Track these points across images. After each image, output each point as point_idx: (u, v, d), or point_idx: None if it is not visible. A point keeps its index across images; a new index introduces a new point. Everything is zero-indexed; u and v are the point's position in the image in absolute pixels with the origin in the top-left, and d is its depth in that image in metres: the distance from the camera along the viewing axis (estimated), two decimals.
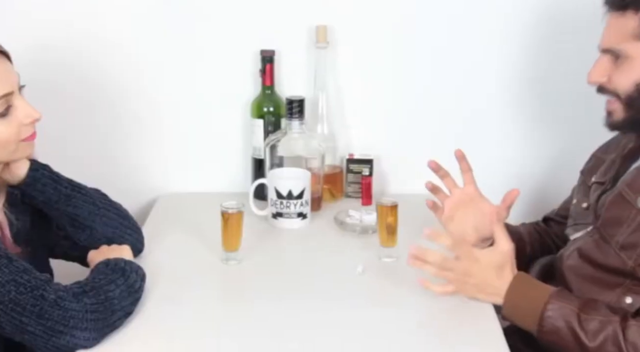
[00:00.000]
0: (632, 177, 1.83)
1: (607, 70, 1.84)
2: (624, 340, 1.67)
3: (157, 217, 2.34)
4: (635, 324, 1.68)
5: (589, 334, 1.70)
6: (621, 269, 1.77)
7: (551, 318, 1.74)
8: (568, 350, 1.74)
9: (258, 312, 1.83)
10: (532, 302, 1.77)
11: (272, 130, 2.39)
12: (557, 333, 1.73)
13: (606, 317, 1.71)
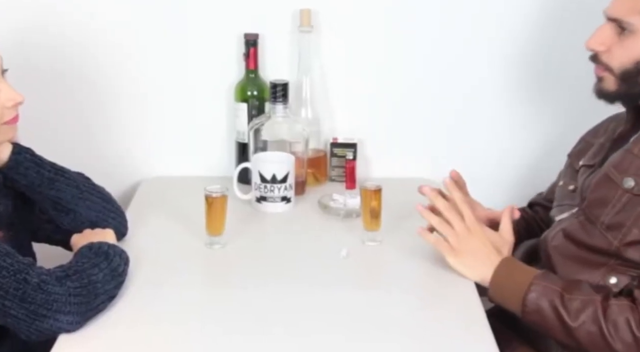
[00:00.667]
0: (619, 158, 1.83)
1: (608, 40, 1.82)
2: (604, 319, 1.68)
3: (140, 201, 2.33)
4: (616, 303, 1.69)
5: (571, 313, 1.71)
6: (606, 249, 1.78)
7: (535, 298, 1.75)
8: (551, 330, 1.75)
9: (242, 296, 1.83)
10: (516, 283, 1.79)
11: (256, 114, 2.39)
12: (540, 313, 1.74)
13: (588, 297, 1.72)
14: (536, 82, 2.46)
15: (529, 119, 2.49)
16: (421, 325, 1.75)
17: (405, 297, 1.86)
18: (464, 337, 1.71)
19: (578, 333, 1.70)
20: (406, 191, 2.08)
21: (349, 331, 1.71)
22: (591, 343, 1.70)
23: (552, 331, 1.76)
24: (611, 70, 1.82)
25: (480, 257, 1.86)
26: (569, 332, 1.71)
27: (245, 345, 1.66)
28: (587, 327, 1.69)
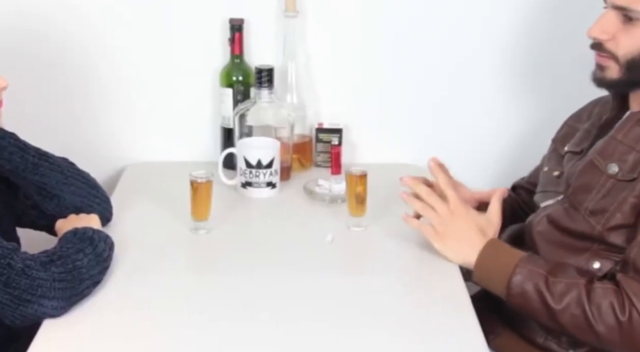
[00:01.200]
0: (603, 144, 1.84)
1: (613, 28, 1.79)
2: (588, 302, 1.68)
3: (125, 187, 2.32)
4: (600, 286, 1.69)
5: (555, 296, 1.71)
6: (589, 233, 1.79)
7: (519, 281, 1.75)
8: (535, 313, 1.76)
9: (227, 282, 1.84)
10: (501, 266, 1.79)
11: (241, 100, 2.38)
12: (524, 296, 1.75)
13: (572, 280, 1.72)
14: (520, 67, 2.46)
15: (513, 103, 2.49)
16: (406, 310, 1.75)
17: (390, 283, 1.86)
18: (449, 322, 1.71)
19: (561, 316, 1.71)
20: (391, 176, 2.08)
21: (334, 317, 1.71)
22: (574, 326, 1.70)
23: (536, 314, 1.76)
24: (616, 59, 1.80)
25: (465, 240, 1.86)
26: (553, 315, 1.72)
27: (231, 330, 1.65)
28: (570, 310, 1.70)
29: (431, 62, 2.45)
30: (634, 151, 1.77)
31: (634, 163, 1.76)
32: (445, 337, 1.66)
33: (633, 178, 1.75)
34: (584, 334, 1.70)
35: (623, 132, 1.81)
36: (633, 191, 1.74)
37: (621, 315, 1.65)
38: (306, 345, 1.62)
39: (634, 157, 1.76)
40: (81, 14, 2.39)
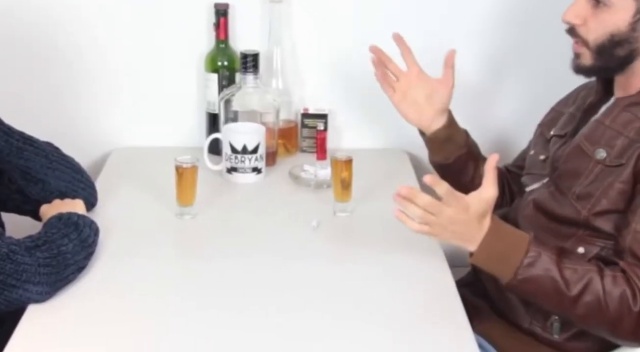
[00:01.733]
0: (591, 129, 1.84)
1: (584, 12, 1.80)
2: (602, 290, 1.66)
3: (110, 172, 2.32)
4: (611, 274, 1.68)
5: (568, 283, 1.68)
6: (575, 218, 1.79)
7: (530, 266, 1.70)
8: (544, 298, 1.72)
9: (212, 267, 1.84)
10: (509, 249, 1.72)
11: (226, 85, 2.38)
12: (534, 282, 1.70)
13: (582, 266, 1.70)
14: (508, 51, 2.46)
15: (500, 88, 2.49)
16: (391, 296, 1.76)
17: (375, 268, 1.86)
18: (434, 307, 1.72)
19: (574, 303, 1.68)
20: (377, 162, 2.09)
21: (320, 302, 1.71)
22: (586, 313, 1.68)
23: (545, 300, 1.73)
24: (587, 45, 1.81)
25: (464, 236, 1.73)
26: (565, 301, 1.69)
27: (216, 315, 1.66)
28: (583, 298, 1.67)
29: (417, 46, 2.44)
30: (621, 136, 1.77)
31: (621, 148, 1.76)
32: (430, 323, 1.67)
33: (621, 163, 1.75)
34: (594, 322, 1.69)
35: (611, 117, 1.82)
36: (620, 176, 1.74)
37: (634, 305, 1.64)
38: (292, 330, 1.62)
39: (621, 142, 1.77)
40: (67, 1, 2.37)
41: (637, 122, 1.77)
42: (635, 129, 1.76)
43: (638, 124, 1.77)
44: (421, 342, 1.60)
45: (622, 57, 1.79)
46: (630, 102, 1.81)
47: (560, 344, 1.84)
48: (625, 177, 1.74)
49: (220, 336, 1.59)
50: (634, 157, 1.73)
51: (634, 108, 1.79)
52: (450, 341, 1.61)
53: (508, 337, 1.89)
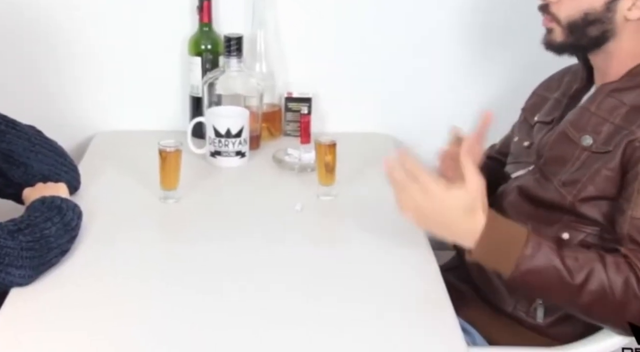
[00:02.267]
0: (576, 116, 1.84)
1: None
2: (606, 278, 1.64)
3: (93, 155, 2.31)
4: (613, 260, 1.66)
5: (571, 271, 1.65)
6: (560, 204, 1.79)
7: (531, 257, 1.66)
8: (546, 289, 1.69)
9: (196, 251, 1.83)
10: (508, 242, 1.68)
11: (209, 68, 2.37)
12: (536, 273, 1.66)
13: (583, 254, 1.68)
14: (489, 34, 2.46)
15: (482, 71, 2.49)
16: (374, 280, 1.76)
17: (358, 252, 1.86)
18: (417, 292, 1.72)
19: (579, 292, 1.65)
20: (361, 146, 2.09)
21: (304, 285, 1.72)
22: (592, 301, 1.65)
23: (548, 291, 1.70)
24: (558, 22, 1.81)
25: (452, 229, 1.69)
26: (569, 291, 1.66)
27: (200, 298, 1.65)
28: (588, 286, 1.64)
29: (400, 30, 2.45)
30: (607, 123, 1.77)
31: (608, 135, 1.76)
32: (413, 307, 1.67)
33: (608, 150, 1.75)
34: (600, 309, 1.66)
35: (596, 103, 1.82)
36: (607, 163, 1.74)
37: (638, 290, 1.63)
38: (275, 312, 1.62)
39: (607, 129, 1.77)
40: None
41: (622, 108, 1.77)
42: (620, 115, 1.76)
43: (623, 110, 1.77)
44: (404, 327, 1.60)
45: (594, 37, 1.79)
46: (614, 87, 1.81)
47: (544, 329, 1.84)
48: (613, 165, 1.73)
49: (204, 319, 1.59)
50: (622, 146, 1.73)
51: (617, 94, 1.80)
52: (434, 325, 1.62)
53: (492, 322, 1.90)
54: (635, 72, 1.80)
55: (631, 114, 1.75)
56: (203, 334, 1.55)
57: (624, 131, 1.73)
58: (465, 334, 1.75)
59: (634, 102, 1.76)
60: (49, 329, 1.55)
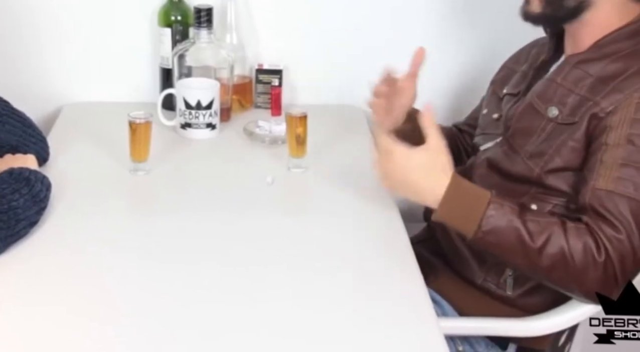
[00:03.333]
0: (543, 87, 1.85)
1: None
2: (565, 241, 1.66)
3: (62, 127, 2.29)
4: (574, 226, 1.68)
5: (531, 234, 1.68)
6: (528, 176, 1.80)
7: (493, 217, 1.69)
8: (508, 251, 1.71)
9: (166, 223, 1.83)
10: (472, 201, 1.71)
11: (180, 40, 2.35)
12: (497, 233, 1.69)
13: (545, 219, 1.71)
14: (462, 6, 2.46)
15: (452, 44, 2.49)
16: (345, 252, 1.76)
17: (329, 224, 1.87)
18: (387, 263, 1.73)
19: (538, 254, 1.68)
20: (331, 118, 2.09)
21: (274, 257, 1.72)
22: (551, 265, 1.68)
23: (509, 253, 1.71)
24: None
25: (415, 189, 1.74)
26: (529, 253, 1.68)
27: (171, 271, 1.65)
28: (548, 249, 1.67)
29: (370, 4, 2.44)
30: (573, 94, 1.78)
31: (573, 106, 1.77)
32: (383, 278, 1.67)
33: (573, 122, 1.76)
34: (558, 273, 1.68)
35: (562, 75, 1.82)
36: (573, 134, 1.75)
37: (598, 256, 1.65)
38: (245, 282, 1.62)
39: (573, 99, 1.78)
40: None
41: (587, 80, 1.78)
42: (586, 87, 1.77)
43: (589, 81, 1.77)
44: (374, 298, 1.61)
45: (572, 7, 1.79)
46: (580, 59, 1.81)
47: (513, 300, 1.86)
48: (578, 136, 1.75)
49: (174, 291, 1.59)
50: (587, 117, 1.74)
51: (584, 65, 1.80)
52: (403, 295, 1.62)
53: (462, 294, 1.91)
54: (602, 43, 1.80)
55: (596, 85, 1.75)
56: (174, 306, 1.54)
57: (589, 102, 1.74)
58: (436, 305, 1.76)
59: (600, 73, 1.77)
60: (17, 301, 1.54)
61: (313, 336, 1.49)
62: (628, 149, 1.68)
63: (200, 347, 1.44)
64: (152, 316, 1.52)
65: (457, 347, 1.87)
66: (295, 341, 1.47)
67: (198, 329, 1.48)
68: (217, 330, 1.49)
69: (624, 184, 1.66)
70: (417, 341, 1.50)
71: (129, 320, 1.51)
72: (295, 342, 1.47)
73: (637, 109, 1.69)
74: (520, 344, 1.88)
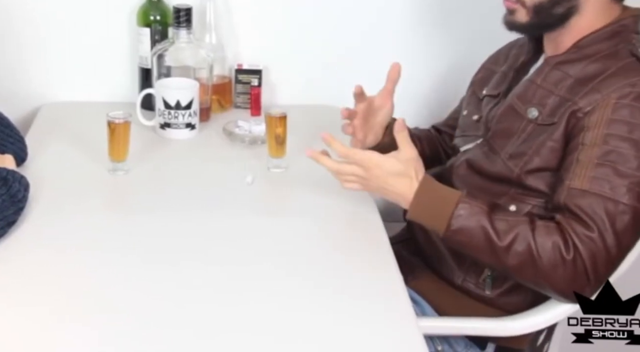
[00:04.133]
0: (523, 89, 1.85)
1: None
2: (533, 239, 1.68)
3: (40, 127, 2.28)
4: (543, 224, 1.70)
5: (499, 233, 1.70)
6: (507, 176, 1.81)
7: (462, 217, 1.72)
8: (476, 249, 1.73)
9: (146, 223, 1.82)
10: (442, 202, 1.75)
11: (159, 40, 2.35)
12: (465, 232, 1.72)
13: (514, 217, 1.73)
14: (440, 6, 2.46)
15: (431, 44, 2.49)
16: (325, 252, 1.76)
17: (309, 224, 1.87)
18: (367, 262, 1.73)
19: (505, 252, 1.69)
20: (311, 118, 2.09)
21: (253, 257, 1.71)
22: (518, 263, 1.69)
23: (477, 251, 1.74)
24: (523, 4, 1.81)
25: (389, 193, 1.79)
26: (496, 251, 1.70)
27: (149, 270, 1.65)
28: (515, 247, 1.69)
29: (349, 5, 2.44)
30: (552, 95, 1.79)
31: (553, 107, 1.78)
32: (362, 278, 1.68)
33: (553, 122, 1.77)
34: (526, 271, 1.70)
35: (542, 76, 1.83)
36: (552, 135, 1.76)
37: (566, 254, 1.66)
38: (224, 283, 1.62)
39: (553, 101, 1.78)
40: None
41: (567, 81, 1.79)
42: (565, 88, 1.78)
43: (568, 82, 1.78)
44: (353, 297, 1.61)
45: (560, 14, 1.80)
46: (560, 60, 1.82)
47: (492, 300, 1.86)
48: (557, 136, 1.75)
49: (153, 290, 1.59)
50: (566, 116, 1.75)
51: (563, 66, 1.81)
52: (382, 295, 1.63)
53: (442, 293, 1.92)
54: (582, 44, 1.81)
55: (576, 86, 1.76)
56: (152, 305, 1.54)
57: (568, 103, 1.75)
58: (415, 305, 1.77)
59: (579, 74, 1.78)
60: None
61: (291, 335, 1.49)
62: (604, 149, 1.69)
63: (179, 345, 1.44)
64: (132, 315, 1.51)
65: (436, 347, 1.87)
66: (273, 338, 1.47)
67: (177, 328, 1.48)
68: (195, 329, 1.48)
69: (599, 183, 1.67)
70: (396, 341, 1.50)
71: (109, 319, 1.50)
72: (274, 340, 1.47)
73: (615, 109, 1.70)
74: (499, 344, 1.89)
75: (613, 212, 1.66)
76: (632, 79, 1.72)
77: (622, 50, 1.78)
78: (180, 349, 1.44)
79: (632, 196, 1.67)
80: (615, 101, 1.70)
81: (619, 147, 1.68)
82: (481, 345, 1.89)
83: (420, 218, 1.78)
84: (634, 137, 1.68)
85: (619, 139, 1.69)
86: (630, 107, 1.70)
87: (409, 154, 1.77)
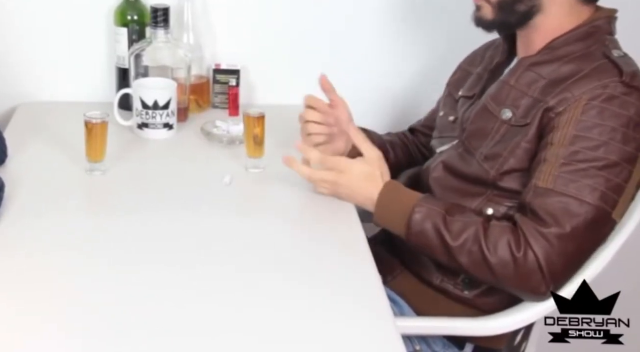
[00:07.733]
0: (496, 90, 1.86)
1: None
2: (484, 238, 1.72)
3: (16, 127, 2.27)
4: (497, 224, 1.73)
5: (452, 233, 1.74)
6: (483, 178, 1.82)
7: (418, 220, 1.77)
8: (433, 250, 1.78)
9: (123, 223, 1.81)
10: (401, 206, 1.81)
11: (136, 39, 2.34)
12: (423, 234, 1.78)
13: (469, 218, 1.76)
14: (414, 6, 2.47)
15: (407, 44, 2.50)
16: (303, 252, 1.76)
17: (287, 224, 1.87)
18: (345, 262, 1.73)
19: (458, 252, 1.74)
20: (289, 118, 2.09)
21: (231, 257, 1.71)
22: (471, 262, 1.74)
23: (434, 252, 1.79)
24: (488, 0, 1.83)
25: (357, 197, 1.88)
26: (450, 252, 1.75)
27: (127, 272, 1.64)
28: (467, 246, 1.73)
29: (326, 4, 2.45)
30: (526, 96, 1.80)
31: (526, 108, 1.79)
32: (340, 278, 1.67)
33: (526, 123, 1.78)
34: (479, 269, 1.73)
35: (515, 77, 1.84)
36: (526, 136, 1.77)
37: (516, 251, 1.68)
38: (201, 284, 1.61)
39: (526, 102, 1.79)
40: None
41: (540, 82, 1.80)
42: (538, 89, 1.79)
43: (541, 83, 1.80)
44: (331, 297, 1.61)
45: (522, 12, 1.82)
46: (533, 61, 1.83)
47: (470, 300, 1.87)
48: (530, 137, 1.77)
49: (130, 291, 1.57)
50: (538, 116, 1.76)
51: (536, 67, 1.82)
52: (360, 294, 1.63)
53: (420, 293, 1.92)
54: (554, 45, 1.83)
55: (548, 87, 1.78)
56: (129, 307, 1.53)
57: (541, 103, 1.77)
58: (393, 305, 1.77)
59: (552, 75, 1.79)
60: None
61: (268, 335, 1.48)
62: (570, 149, 1.70)
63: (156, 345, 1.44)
64: (108, 316, 1.50)
65: (414, 347, 1.88)
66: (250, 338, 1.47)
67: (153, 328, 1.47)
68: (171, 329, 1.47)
69: (564, 182, 1.69)
70: (374, 340, 1.50)
71: (85, 321, 1.49)
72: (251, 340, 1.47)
73: (584, 110, 1.71)
74: (477, 344, 1.90)
75: (576, 211, 1.68)
76: (604, 81, 1.73)
77: (595, 51, 1.79)
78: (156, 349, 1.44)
79: (597, 195, 1.69)
80: (586, 102, 1.72)
81: (585, 147, 1.70)
82: (459, 345, 1.90)
83: (384, 222, 1.85)
84: (602, 139, 1.70)
85: (586, 139, 1.70)
86: (600, 109, 1.71)
87: (372, 154, 1.87)
